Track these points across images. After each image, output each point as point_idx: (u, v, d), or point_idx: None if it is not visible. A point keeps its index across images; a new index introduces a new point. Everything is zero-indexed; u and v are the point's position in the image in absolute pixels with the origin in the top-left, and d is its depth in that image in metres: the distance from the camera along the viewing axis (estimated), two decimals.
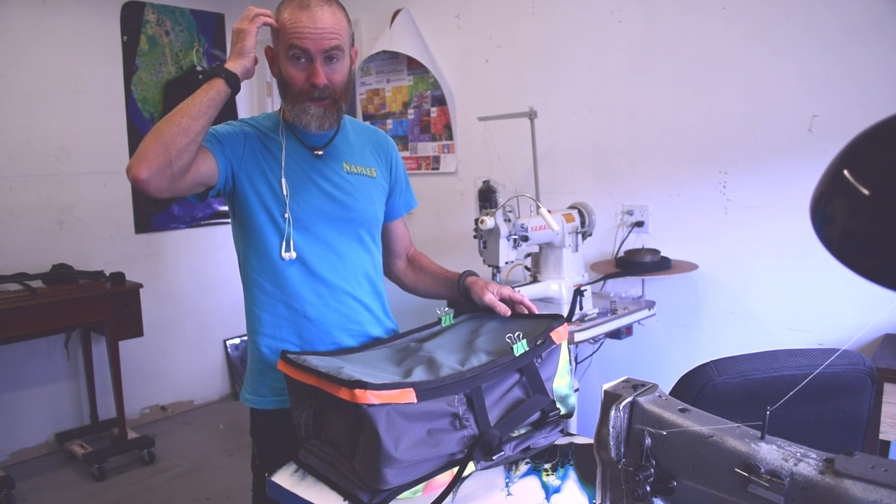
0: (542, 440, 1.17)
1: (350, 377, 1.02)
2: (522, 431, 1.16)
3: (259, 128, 1.38)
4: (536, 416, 1.15)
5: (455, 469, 1.04)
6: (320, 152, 1.39)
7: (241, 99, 4.04)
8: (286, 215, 1.32)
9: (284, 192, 1.32)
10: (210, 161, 1.27)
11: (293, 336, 1.37)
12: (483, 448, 1.06)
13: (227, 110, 3.88)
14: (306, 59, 1.28)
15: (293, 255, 1.33)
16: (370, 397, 0.98)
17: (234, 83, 1.23)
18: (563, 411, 1.21)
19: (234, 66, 1.24)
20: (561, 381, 1.22)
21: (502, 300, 1.37)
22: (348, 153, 1.43)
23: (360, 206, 1.41)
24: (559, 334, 1.22)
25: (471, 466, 1.07)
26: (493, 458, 1.07)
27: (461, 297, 1.44)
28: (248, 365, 1.44)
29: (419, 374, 1.10)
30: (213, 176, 1.29)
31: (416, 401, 1.01)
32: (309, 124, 1.32)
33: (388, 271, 1.61)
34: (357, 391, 0.98)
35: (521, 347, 1.14)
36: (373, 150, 1.49)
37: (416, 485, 1.03)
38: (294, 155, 1.37)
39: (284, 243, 1.33)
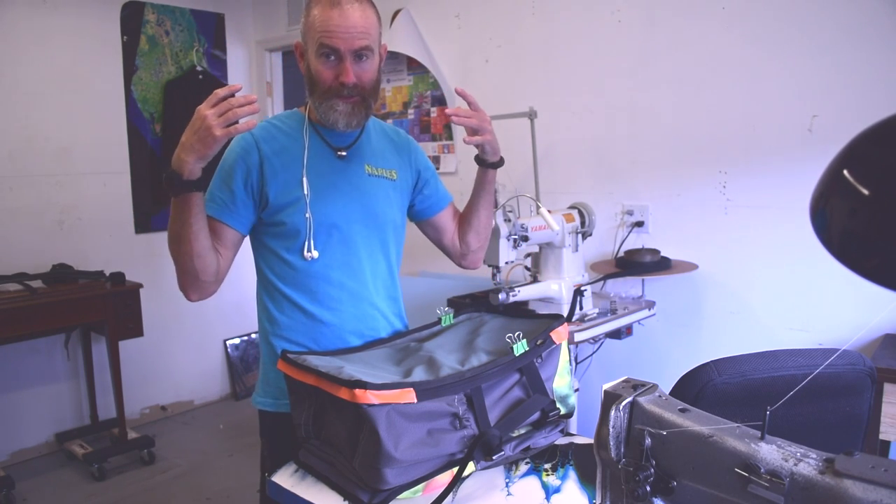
0: (542, 440, 1.17)
1: (350, 377, 1.02)
2: (522, 431, 1.16)
3: (281, 127, 1.37)
4: (536, 416, 1.15)
5: (455, 469, 1.04)
6: (344, 153, 1.38)
7: None
8: (307, 215, 1.31)
9: (305, 192, 1.31)
10: (230, 238, 1.32)
11: (308, 340, 1.36)
12: (483, 448, 1.06)
13: None
14: (336, 58, 1.27)
15: (315, 254, 1.32)
16: (370, 397, 0.98)
17: (203, 185, 1.17)
18: (563, 411, 1.21)
19: (194, 170, 1.13)
20: (561, 381, 1.22)
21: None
22: (370, 155, 1.43)
23: (381, 209, 1.41)
24: (559, 334, 1.22)
25: (471, 466, 1.07)
26: (493, 458, 1.07)
27: (477, 162, 1.48)
28: (261, 367, 1.43)
29: (419, 374, 1.09)
30: (240, 235, 1.34)
31: (416, 401, 1.01)
32: (336, 121, 1.31)
33: (456, 256, 1.60)
34: (357, 391, 0.98)
35: (521, 347, 1.14)
36: (394, 151, 1.48)
37: (416, 485, 1.03)
38: (317, 155, 1.36)
39: (307, 243, 1.32)
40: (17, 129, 3.21)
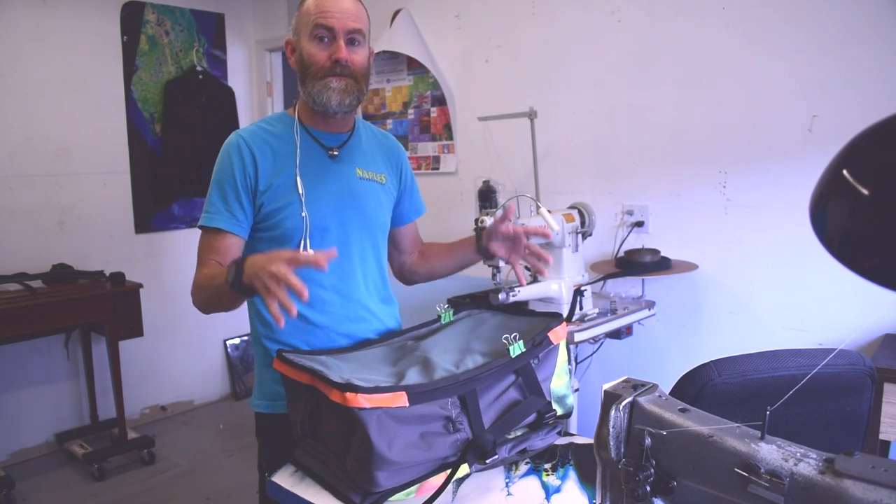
0: (538, 442, 1.16)
1: (343, 379, 1.02)
2: (519, 433, 1.15)
3: (271, 130, 1.38)
4: (532, 417, 1.15)
5: (447, 471, 1.04)
6: (335, 153, 1.39)
7: (241, 100, 4.05)
8: (303, 215, 1.32)
9: (300, 192, 1.32)
10: (238, 246, 1.34)
11: (300, 342, 1.36)
12: (476, 452, 1.06)
13: (228, 117, 3.91)
14: (329, 39, 1.31)
15: (311, 252, 1.33)
16: (361, 401, 0.97)
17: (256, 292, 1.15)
18: (560, 412, 1.21)
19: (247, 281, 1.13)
20: (559, 382, 1.22)
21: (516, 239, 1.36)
22: (361, 158, 1.43)
23: (372, 212, 1.41)
24: (557, 334, 1.21)
25: (465, 468, 1.06)
26: (487, 461, 1.07)
27: (480, 252, 1.44)
28: (256, 370, 1.44)
29: (413, 376, 1.09)
30: (244, 242, 1.36)
31: (407, 404, 1.00)
32: (330, 100, 1.32)
33: (401, 271, 1.61)
34: (348, 394, 0.97)
35: (517, 349, 1.13)
36: (384, 156, 1.49)
37: (408, 487, 1.02)
38: (309, 155, 1.36)
39: (303, 242, 1.32)
40: (17, 129, 3.21)
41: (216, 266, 1.29)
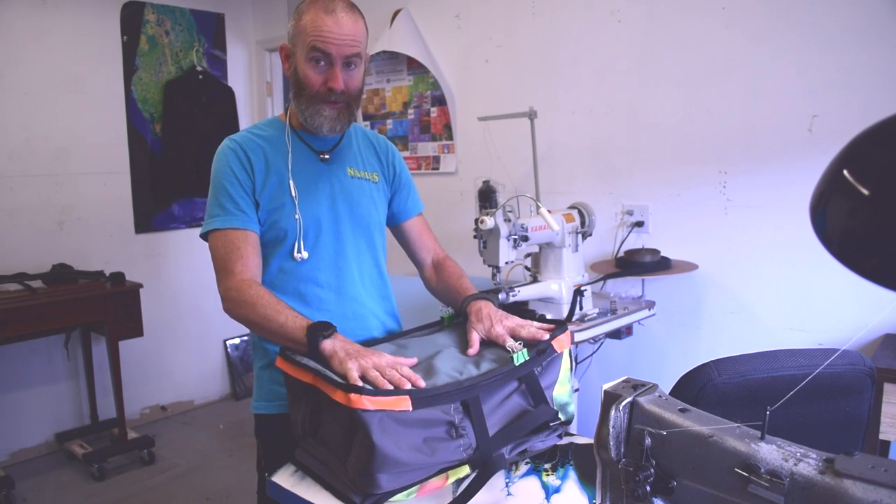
0: (539, 444, 1.16)
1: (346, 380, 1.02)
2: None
3: (263, 135, 1.39)
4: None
5: (455, 474, 1.04)
6: (327, 156, 1.40)
7: (241, 100, 4.05)
8: (297, 216, 1.33)
9: (293, 194, 1.33)
10: (257, 242, 1.33)
11: None
12: (487, 472, 1.05)
13: (228, 117, 3.91)
14: (326, 63, 1.29)
15: (305, 255, 1.34)
16: (365, 402, 0.97)
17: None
18: (561, 419, 1.21)
19: (330, 348, 1.12)
20: (562, 389, 1.21)
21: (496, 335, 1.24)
22: (352, 158, 1.45)
23: (365, 210, 1.42)
24: (561, 343, 1.20)
25: (466, 468, 1.06)
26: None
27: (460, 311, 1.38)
28: (256, 371, 1.44)
29: None
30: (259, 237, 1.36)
31: (411, 408, 1.00)
32: (321, 126, 1.33)
33: (421, 275, 1.60)
34: (352, 395, 0.97)
35: (521, 357, 1.13)
36: (374, 155, 1.50)
37: (409, 488, 1.02)
38: (301, 159, 1.38)
39: (297, 244, 1.33)
40: (17, 129, 3.21)
41: (271, 297, 1.24)
